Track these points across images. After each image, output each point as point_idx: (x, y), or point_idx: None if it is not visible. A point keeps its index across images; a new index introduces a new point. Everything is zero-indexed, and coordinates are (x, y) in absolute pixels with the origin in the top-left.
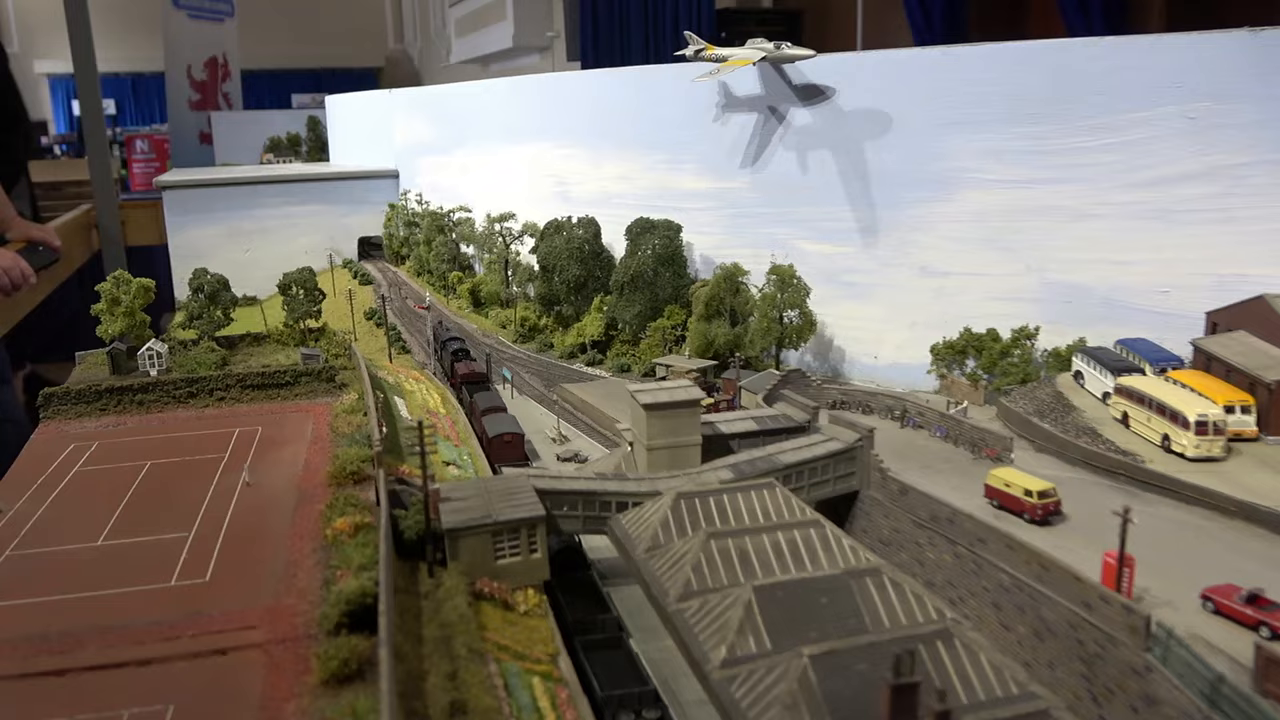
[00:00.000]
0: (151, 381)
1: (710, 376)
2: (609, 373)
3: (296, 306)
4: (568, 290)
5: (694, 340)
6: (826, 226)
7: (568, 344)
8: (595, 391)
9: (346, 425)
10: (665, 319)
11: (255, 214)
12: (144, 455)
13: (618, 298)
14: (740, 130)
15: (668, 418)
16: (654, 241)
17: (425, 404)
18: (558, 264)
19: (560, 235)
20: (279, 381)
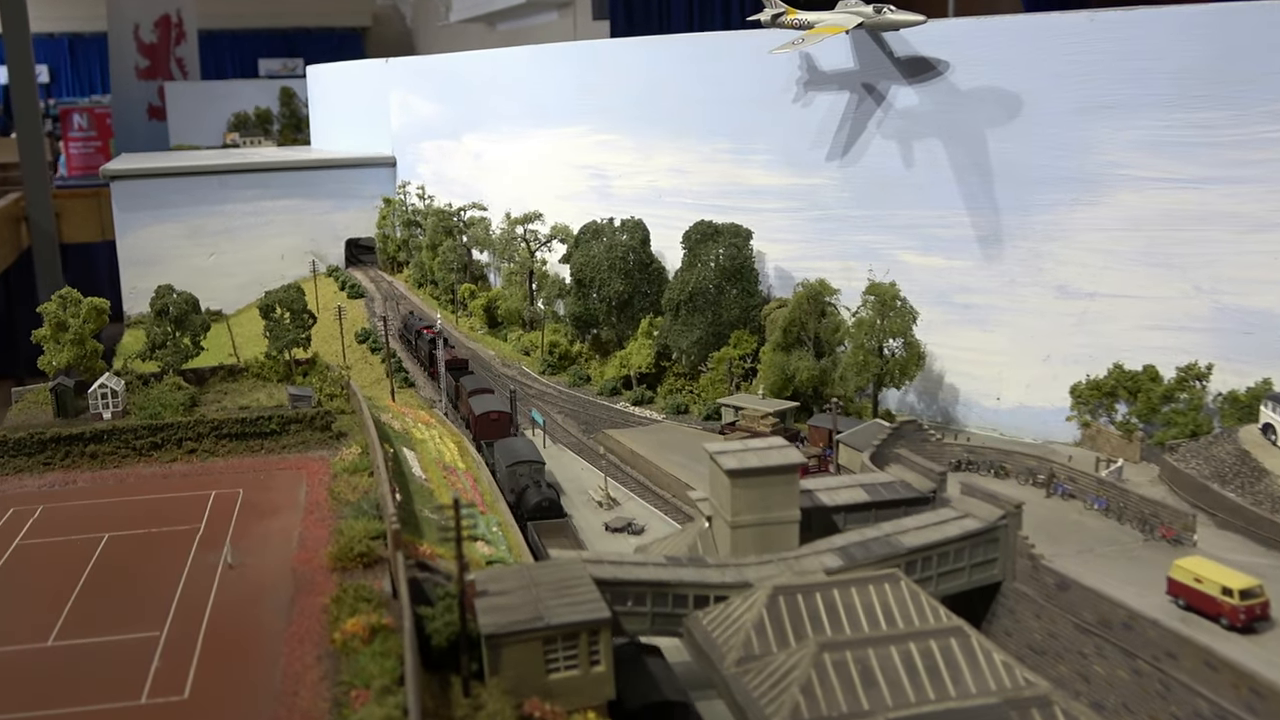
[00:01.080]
0: (106, 428)
1: (790, 422)
2: (662, 414)
3: (281, 333)
4: (608, 309)
5: (768, 375)
6: (936, 234)
7: (608, 377)
8: (647, 440)
9: (349, 489)
10: (731, 347)
11: (222, 210)
12: (100, 524)
13: (671, 320)
14: (827, 113)
15: (758, 487)
16: (717, 251)
17: (440, 456)
18: (596, 277)
19: (599, 241)
20: (263, 429)
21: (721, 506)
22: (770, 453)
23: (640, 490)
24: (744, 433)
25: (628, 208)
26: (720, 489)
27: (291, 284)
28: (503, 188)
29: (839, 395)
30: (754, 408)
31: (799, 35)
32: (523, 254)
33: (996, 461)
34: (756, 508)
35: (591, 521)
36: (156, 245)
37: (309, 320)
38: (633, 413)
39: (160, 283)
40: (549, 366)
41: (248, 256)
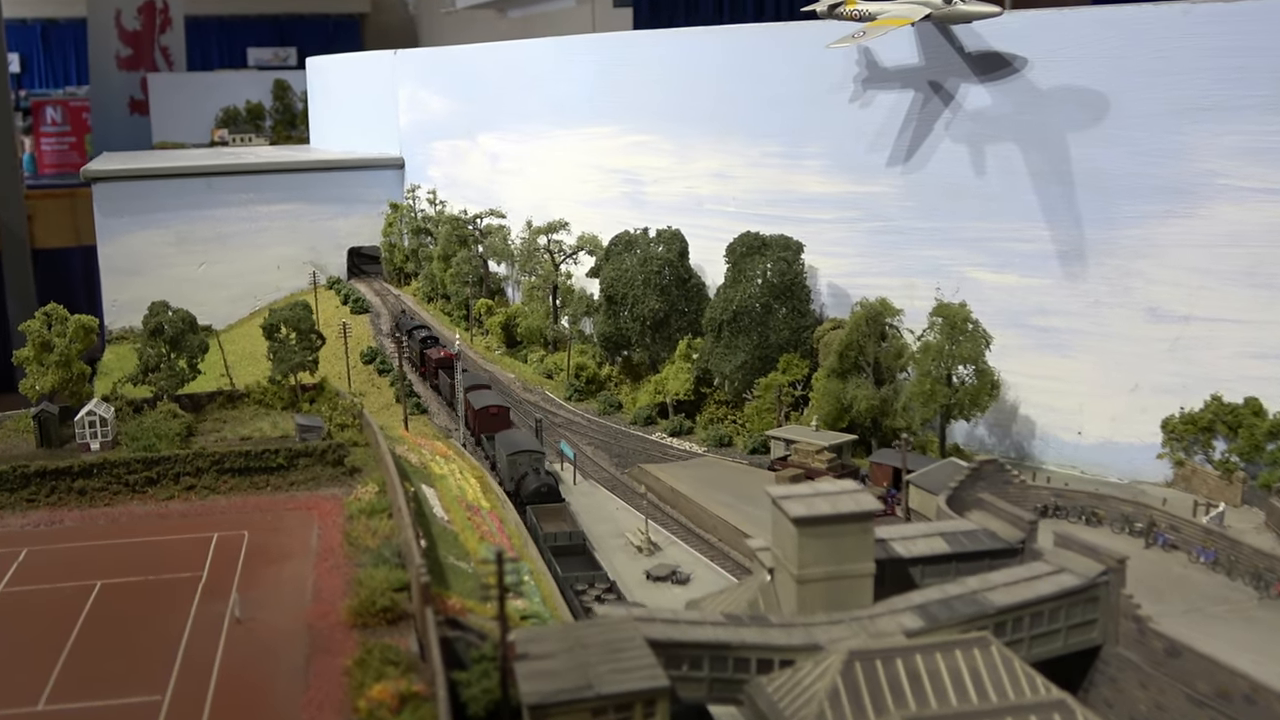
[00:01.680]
0: (96, 461)
1: (848, 457)
2: (703, 447)
3: (286, 356)
4: (642, 329)
5: (822, 404)
6: (1011, 249)
7: (642, 404)
8: (688, 477)
9: (367, 533)
10: (780, 373)
11: (212, 215)
12: (92, 570)
13: (713, 342)
14: (888, 113)
15: (828, 537)
16: (764, 265)
17: (461, 494)
18: (628, 293)
19: (632, 254)
20: (269, 464)
21: (786, 558)
22: (842, 498)
23: (683, 533)
24: (796, 469)
25: (663, 216)
26: (785, 538)
27: (298, 302)
28: (523, 193)
29: (897, 427)
30: (807, 441)
31: (860, 28)
32: (546, 267)
33: (1088, 507)
34: (826, 560)
35: (630, 569)
36: (141, 253)
37: (317, 341)
38: (670, 445)
39: (144, 294)
40: (575, 392)
41: (241, 266)
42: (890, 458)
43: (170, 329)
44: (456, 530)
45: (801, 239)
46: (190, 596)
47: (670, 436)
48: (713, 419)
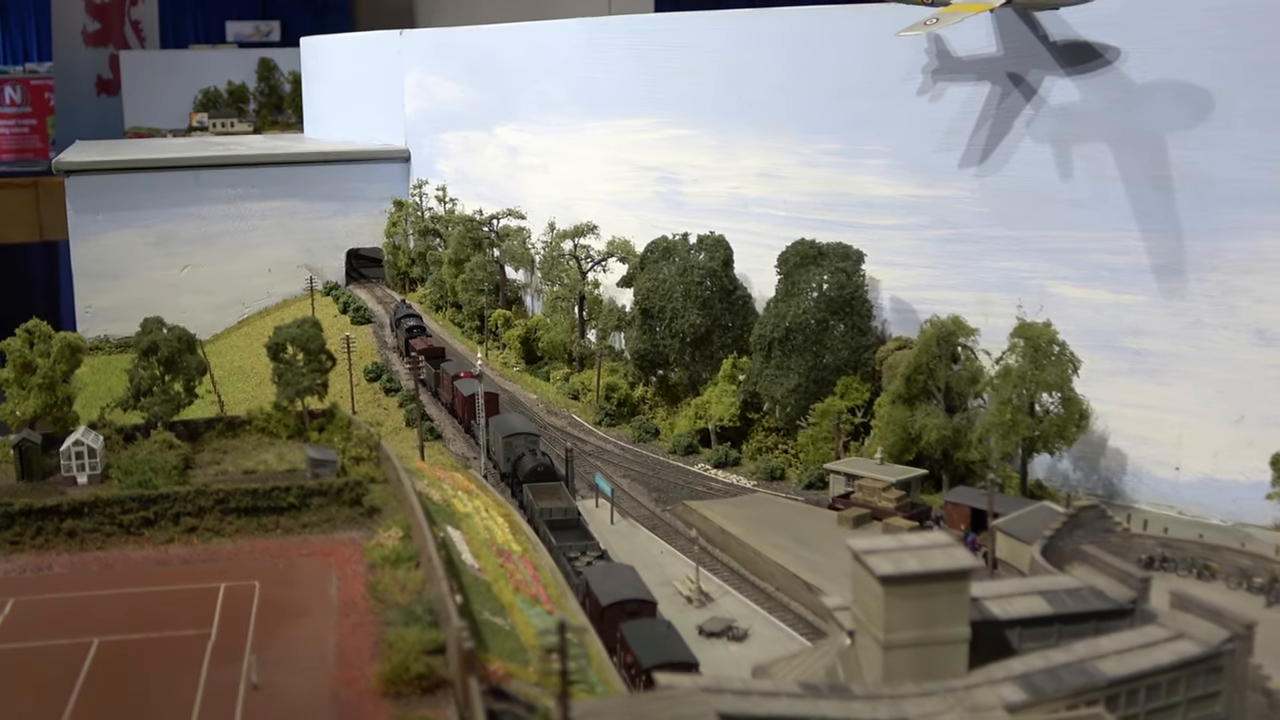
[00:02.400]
0: (86, 499)
1: (917, 494)
2: (752, 480)
3: (294, 379)
4: (681, 346)
5: (886, 433)
6: (1099, 261)
7: (681, 431)
8: (738, 516)
9: (393, 585)
10: (838, 397)
11: (198, 213)
12: (87, 625)
13: (762, 362)
14: (962, 109)
15: (919, 597)
16: (821, 277)
17: (490, 536)
18: (666, 305)
19: (670, 262)
20: (279, 503)
21: (870, 620)
22: (933, 553)
23: (735, 581)
24: (860, 508)
25: (705, 220)
26: (869, 598)
27: (305, 319)
28: (546, 192)
29: (978, 460)
30: (873, 476)
31: (932, 14)
32: (572, 275)
33: (1199, 559)
34: (916, 623)
35: (680, 623)
36: (118, 255)
37: (327, 363)
38: (714, 477)
39: (121, 300)
40: (606, 415)
41: (228, 270)
42: (968, 497)
43: (165, 348)
44: (489, 579)
45: (862, 247)
46: (199, 657)
47: (714, 468)
48: (761, 448)
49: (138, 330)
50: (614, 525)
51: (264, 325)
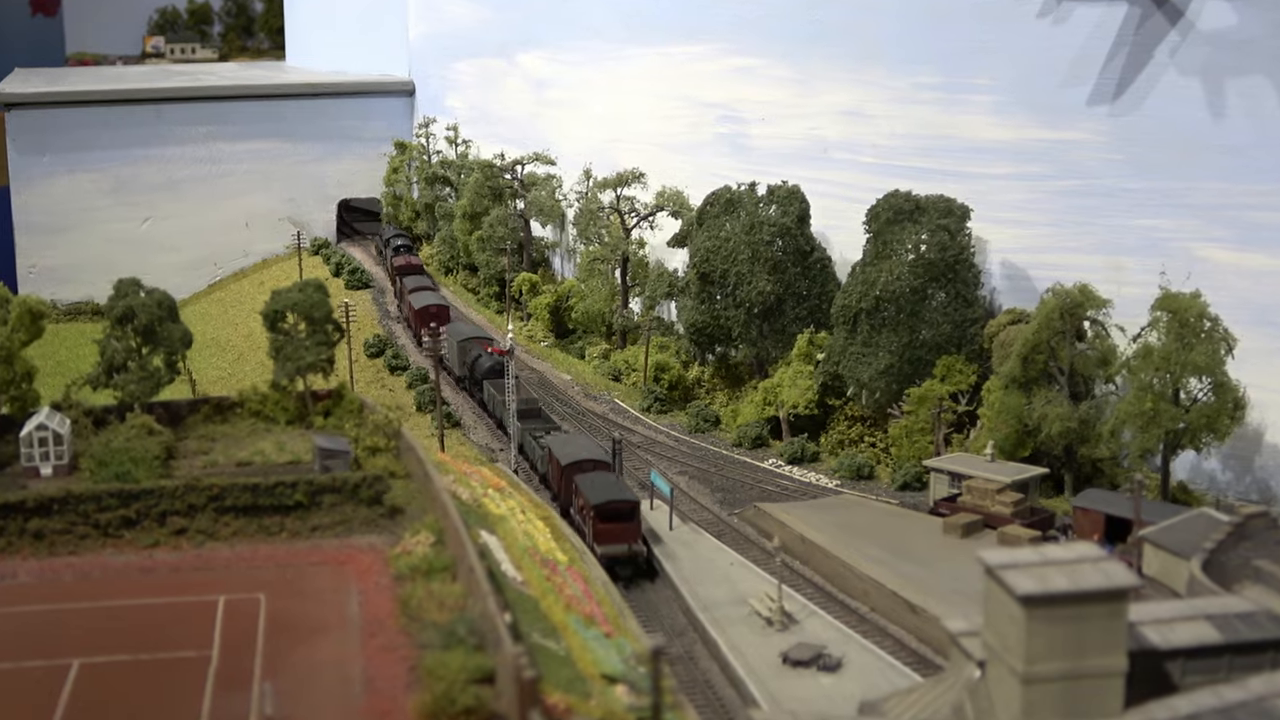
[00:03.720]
0: (56, 494)
1: (1036, 497)
2: (834, 479)
3: (295, 353)
4: (747, 318)
5: (998, 424)
6: (1259, 220)
7: (747, 419)
8: (822, 521)
9: (429, 600)
10: (938, 381)
11: (162, 155)
12: (64, 644)
13: (845, 337)
14: (1091, 34)
15: (1067, 621)
16: (918, 236)
17: (531, 543)
18: (730, 270)
19: (734, 217)
20: (283, 501)
21: (1007, 648)
22: (1083, 569)
23: (821, 599)
24: (970, 513)
25: (776, 168)
26: (1006, 622)
27: (309, 281)
28: (580, 133)
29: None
30: (984, 476)
31: None
32: (613, 232)
33: None
34: (1063, 652)
35: (759, 648)
36: (67, 204)
37: (334, 334)
38: (790, 476)
39: (72, 258)
40: (655, 400)
41: (198, 223)
42: (1102, 501)
43: (143, 315)
44: (535, 594)
45: (967, 201)
46: (199, 684)
47: (788, 464)
48: (844, 441)
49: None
50: (673, 531)
51: (240, 290)
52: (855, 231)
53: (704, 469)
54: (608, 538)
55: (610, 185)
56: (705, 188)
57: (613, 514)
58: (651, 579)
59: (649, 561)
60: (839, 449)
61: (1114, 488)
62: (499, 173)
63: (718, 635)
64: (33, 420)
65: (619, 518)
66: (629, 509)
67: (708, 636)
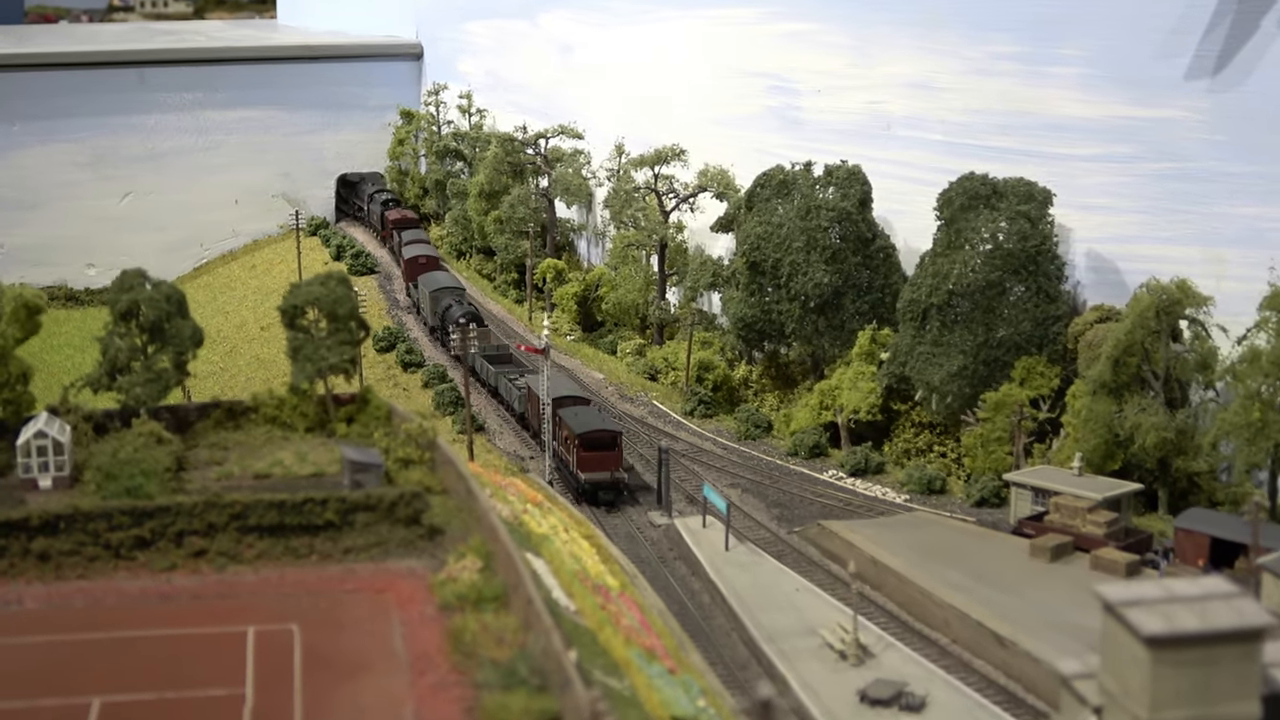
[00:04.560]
0: (63, 511)
1: (1129, 516)
2: (902, 492)
3: (315, 354)
4: (802, 313)
5: (1086, 434)
6: None
7: (802, 425)
8: (894, 542)
9: (483, 633)
10: (1017, 384)
11: (144, 124)
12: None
13: (913, 336)
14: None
15: (1196, 664)
16: (995, 224)
17: (579, 566)
18: (782, 259)
19: (787, 200)
20: (311, 520)
21: (1128, 693)
22: (1214, 606)
23: (898, 630)
24: (1058, 534)
25: (833, 146)
26: (1127, 664)
27: (331, 274)
28: (612, 104)
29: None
30: (1072, 493)
31: None
32: (650, 215)
33: None
34: (1191, 698)
35: (834, 685)
36: (39, 178)
37: (359, 332)
38: (852, 489)
39: (44, 237)
40: (699, 403)
41: (183, 200)
42: (1207, 521)
43: (150, 311)
44: (591, 626)
45: (1049, 185)
46: None
47: (850, 476)
48: (910, 450)
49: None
50: (729, 552)
51: (229, 274)
52: (923, 217)
53: (757, 481)
54: (592, 465)
55: (647, 163)
56: (752, 167)
57: (596, 443)
58: (627, 501)
59: (628, 487)
60: (905, 459)
61: (1213, 505)
62: (520, 147)
63: (787, 670)
64: (30, 426)
65: (602, 446)
66: (611, 438)
67: (775, 671)
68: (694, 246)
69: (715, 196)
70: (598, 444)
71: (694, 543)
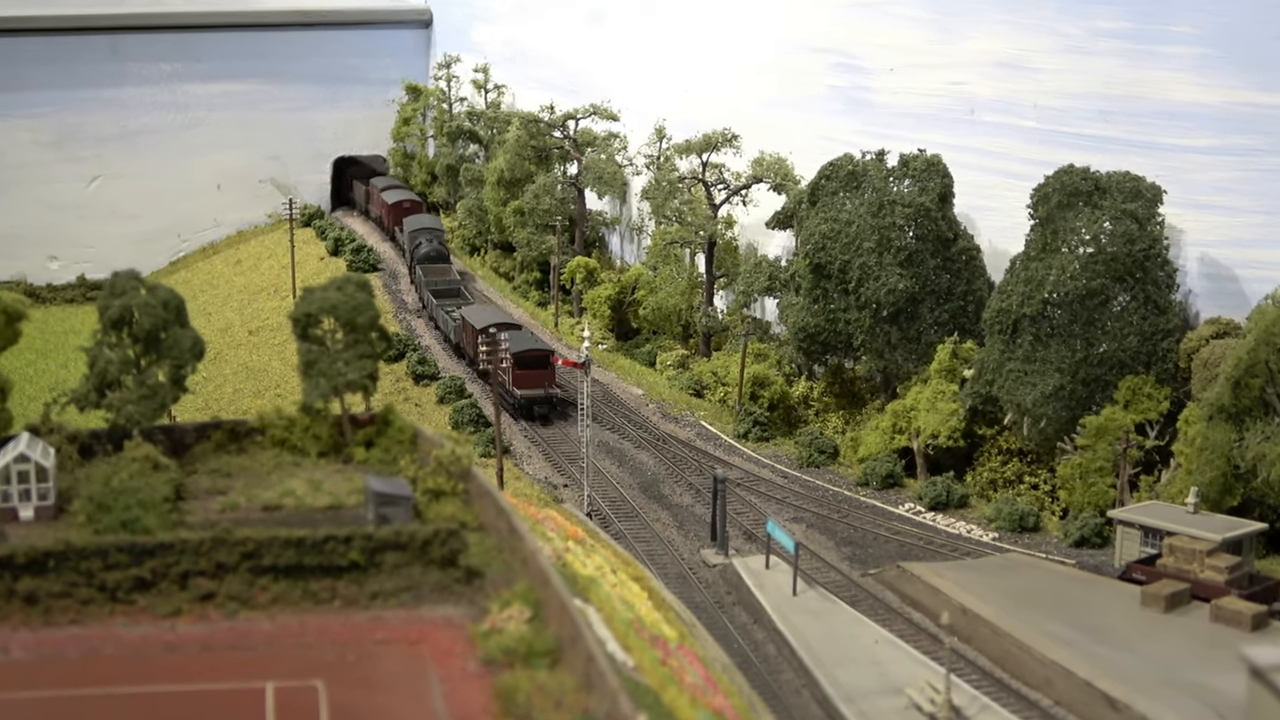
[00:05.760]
0: (52, 548)
1: (1251, 560)
2: (989, 529)
3: (330, 369)
4: (873, 323)
5: (1202, 464)
6: None
7: (872, 450)
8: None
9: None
10: (1121, 407)
11: (114, 99)
12: None
13: (1002, 350)
14: None
15: None
16: (1099, 224)
17: (633, 615)
18: (851, 261)
19: (857, 194)
20: (333, 560)
21: None
22: None
23: (992, 687)
24: (1174, 580)
25: (908, 132)
26: None
27: (348, 278)
28: (652, 81)
29: None
30: (1187, 532)
31: None
32: (697, 210)
33: None
34: None
35: None
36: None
37: (380, 344)
38: (933, 525)
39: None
40: (754, 423)
41: (159, 185)
42: None
43: (145, 320)
44: (653, 684)
45: (1158, 180)
46: None
47: (929, 510)
48: (996, 481)
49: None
50: (798, 597)
51: (210, 270)
52: (1011, 214)
53: (824, 515)
54: (526, 382)
55: (694, 149)
56: (815, 155)
57: (530, 362)
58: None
59: (559, 403)
60: (991, 491)
61: None
62: (546, 129)
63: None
64: (9, 449)
65: (535, 365)
66: (543, 357)
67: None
68: (745, 245)
69: (772, 189)
70: (531, 363)
71: (756, 586)
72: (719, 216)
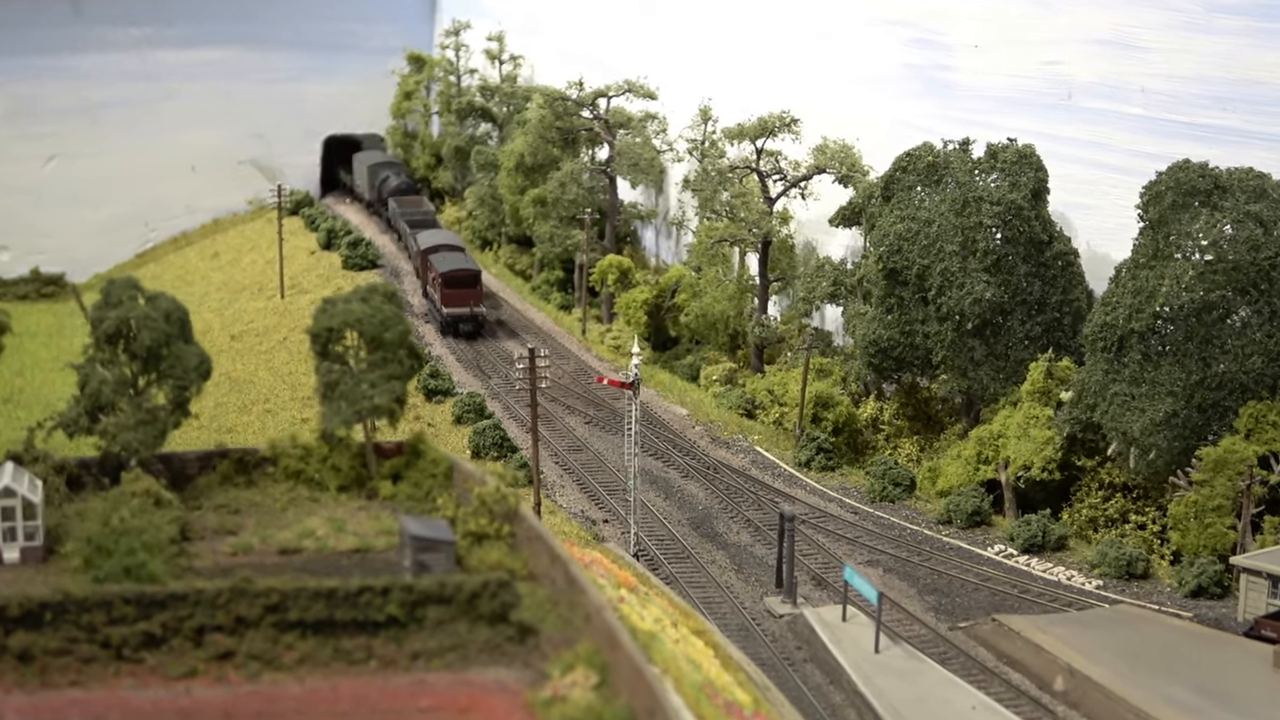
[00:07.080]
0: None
1: None
2: (1094, 577)
3: (354, 392)
4: (955, 336)
5: None
6: None
7: (953, 482)
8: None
9: None
10: (1243, 437)
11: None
12: None
13: (1105, 371)
14: None
15: None
16: (1219, 228)
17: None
18: (930, 265)
19: (937, 188)
20: (369, 615)
21: None
22: None
23: None
24: None
25: (994, 118)
26: None
27: (373, 285)
28: (693, 56)
29: None
30: None
31: None
32: (750, 204)
33: None
34: None
35: None
36: None
37: (409, 362)
38: (1028, 570)
39: None
40: (817, 450)
41: (124, 166)
42: None
43: (145, 334)
44: None
45: None
46: None
47: (1022, 554)
48: (1099, 520)
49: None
50: (879, 654)
51: (184, 263)
52: (1116, 214)
53: (903, 559)
54: (453, 301)
55: (747, 134)
56: (887, 143)
57: (457, 281)
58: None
59: (486, 321)
60: (1091, 531)
61: None
62: (573, 107)
63: None
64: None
65: (462, 284)
66: (471, 276)
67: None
68: (802, 244)
69: (837, 181)
70: (459, 282)
71: (832, 641)
72: (774, 211)
